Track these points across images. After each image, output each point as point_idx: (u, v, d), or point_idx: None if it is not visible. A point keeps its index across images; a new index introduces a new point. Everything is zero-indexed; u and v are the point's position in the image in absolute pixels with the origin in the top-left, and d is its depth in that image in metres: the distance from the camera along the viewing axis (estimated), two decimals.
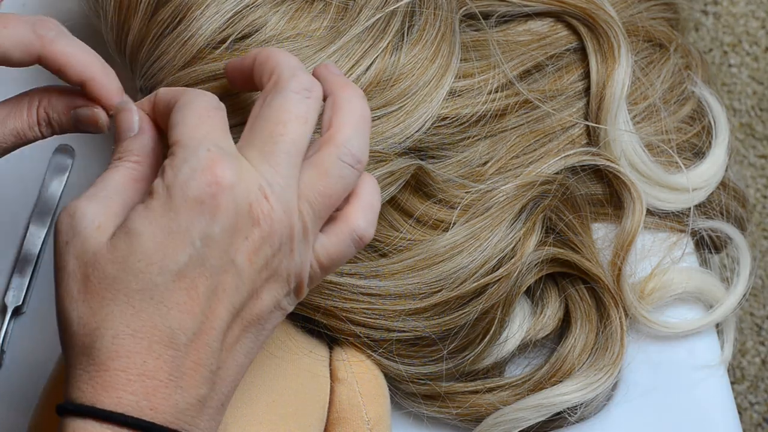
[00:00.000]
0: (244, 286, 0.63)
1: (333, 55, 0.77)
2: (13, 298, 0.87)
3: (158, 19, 0.77)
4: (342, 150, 0.66)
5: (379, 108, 0.78)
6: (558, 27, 0.88)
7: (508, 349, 0.83)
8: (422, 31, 0.81)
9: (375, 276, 0.79)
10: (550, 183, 0.83)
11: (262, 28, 0.77)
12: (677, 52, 0.90)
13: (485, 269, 0.80)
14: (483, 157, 0.84)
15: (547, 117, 0.85)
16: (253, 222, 0.63)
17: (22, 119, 0.72)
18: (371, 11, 0.79)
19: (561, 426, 0.84)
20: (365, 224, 0.67)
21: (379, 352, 0.81)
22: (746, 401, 1.44)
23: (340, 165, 0.65)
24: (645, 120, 0.88)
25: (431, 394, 0.83)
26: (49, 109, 0.72)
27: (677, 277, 0.86)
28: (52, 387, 0.78)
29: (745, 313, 1.46)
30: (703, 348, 0.87)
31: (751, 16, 1.54)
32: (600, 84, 0.86)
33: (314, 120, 0.66)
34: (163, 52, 0.77)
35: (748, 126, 1.52)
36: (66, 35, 0.70)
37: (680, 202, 0.87)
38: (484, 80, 0.83)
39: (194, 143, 0.63)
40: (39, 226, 0.89)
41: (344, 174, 0.66)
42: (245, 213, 0.62)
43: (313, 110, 0.66)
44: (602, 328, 0.84)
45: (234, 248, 0.62)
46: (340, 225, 0.66)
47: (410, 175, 0.79)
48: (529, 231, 0.82)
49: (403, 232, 0.81)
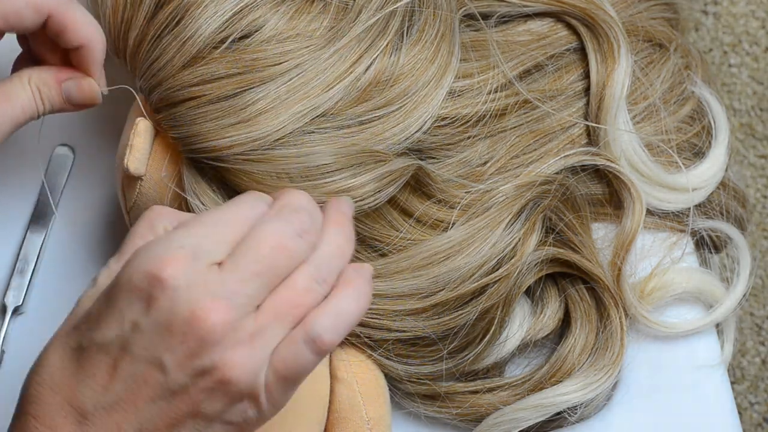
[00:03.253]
0: (171, 389, 0.62)
1: (333, 56, 0.77)
2: (13, 298, 0.87)
3: (158, 19, 0.77)
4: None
5: (378, 108, 0.78)
6: (558, 27, 0.88)
7: (508, 349, 0.83)
8: (422, 31, 0.81)
9: (375, 276, 0.79)
10: (549, 183, 0.83)
11: (261, 28, 0.77)
12: (677, 52, 0.90)
13: (485, 269, 0.80)
14: (483, 157, 0.84)
15: (546, 117, 0.85)
16: (191, 330, 0.61)
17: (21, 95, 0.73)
18: (371, 11, 0.79)
19: (561, 426, 0.83)
20: (322, 328, 0.63)
21: (378, 352, 0.81)
22: (746, 401, 1.44)
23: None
24: (645, 120, 0.88)
25: (431, 394, 0.83)
26: (39, 83, 0.73)
27: (677, 277, 0.86)
28: None
29: (745, 313, 1.46)
30: (703, 348, 0.87)
31: (751, 16, 1.54)
32: (600, 84, 0.86)
33: (301, 257, 0.64)
34: (163, 52, 0.77)
35: (748, 126, 1.52)
36: (75, 2, 0.73)
37: (680, 202, 0.87)
38: (484, 80, 0.83)
39: (178, 235, 0.63)
40: (39, 226, 0.89)
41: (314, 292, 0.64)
42: (184, 318, 0.61)
43: (302, 249, 0.64)
44: (602, 328, 0.84)
45: (164, 347, 0.62)
46: (297, 327, 0.63)
47: (410, 175, 0.79)
48: (529, 231, 0.82)
49: (402, 232, 0.81)
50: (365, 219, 0.79)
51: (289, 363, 0.62)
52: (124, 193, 0.81)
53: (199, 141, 0.76)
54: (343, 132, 0.77)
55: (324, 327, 0.63)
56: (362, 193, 0.77)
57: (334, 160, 0.77)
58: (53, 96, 0.75)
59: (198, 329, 0.61)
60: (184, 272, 0.62)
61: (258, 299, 0.63)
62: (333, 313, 0.63)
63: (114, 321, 0.62)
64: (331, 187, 0.77)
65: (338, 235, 0.65)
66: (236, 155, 0.76)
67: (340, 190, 0.77)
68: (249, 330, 0.62)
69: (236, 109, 0.76)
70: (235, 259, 0.63)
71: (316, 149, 0.77)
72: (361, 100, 0.78)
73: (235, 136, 0.76)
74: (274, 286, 0.63)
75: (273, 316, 0.62)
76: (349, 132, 0.77)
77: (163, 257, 0.62)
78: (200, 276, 0.62)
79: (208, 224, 0.64)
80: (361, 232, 0.80)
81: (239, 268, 0.62)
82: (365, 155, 0.77)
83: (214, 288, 0.62)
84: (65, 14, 0.73)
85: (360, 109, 0.78)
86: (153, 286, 0.61)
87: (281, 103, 0.76)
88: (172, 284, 0.61)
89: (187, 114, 0.77)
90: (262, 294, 0.63)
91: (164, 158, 0.79)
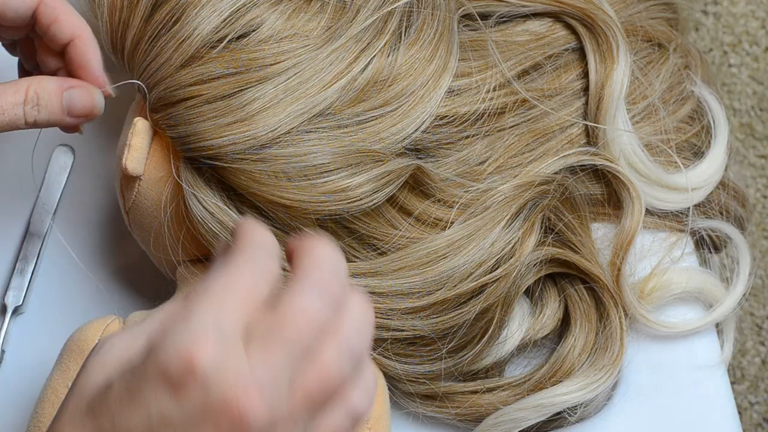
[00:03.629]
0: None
1: (330, 55, 0.77)
2: (13, 298, 0.87)
3: (155, 18, 0.77)
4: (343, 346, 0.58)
5: (376, 108, 0.78)
6: (556, 27, 0.88)
7: (508, 349, 0.83)
8: (420, 31, 0.81)
9: (374, 275, 0.79)
10: (548, 183, 0.83)
11: (259, 27, 0.77)
12: (676, 51, 0.90)
13: (483, 269, 0.80)
14: (481, 156, 0.84)
15: (545, 116, 0.85)
16: (227, 417, 0.55)
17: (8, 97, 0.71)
18: (368, 11, 0.79)
19: (561, 426, 0.83)
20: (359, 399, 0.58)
21: (377, 351, 0.81)
22: (746, 401, 1.44)
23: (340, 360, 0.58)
24: (644, 120, 0.88)
25: (430, 394, 0.83)
26: (39, 89, 0.72)
27: (677, 276, 0.86)
28: (52, 386, 0.78)
29: (745, 313, 1.46)
30: (703, 348, 0.87)
31: (751, 16, 1.54)
32: (599, 84, 0.86)
33: (324, 320, 0.58)
34: (161, 52, 0.77)
35: (748, 126, 1.52)
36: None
37: (679, 202, 0.87)
38: (482, 79, 0.83)
39: (199, 313, 0.56)
40: (39, 226, 0.89)
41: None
42: (218, 405, 0.55)
43: (325, 320, 0.57)
44: (602, 328, 0.84)
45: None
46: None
47: (408, 175, 0.79)
48: (527, 231, 0.82)
49: (401, 231, 0.81)
50: (364, 217, 0.79)
51: None
52: (122, 193, 0.81)
53: (197, 140, 0.76)
54: (341, 131, 0.77)
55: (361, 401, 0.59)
56: (360, 193, 0.77)
57: (332, 159, 0.77)
58: (52, 104, 0.73)
59: (234, 419, 0.55)
60: (213, 357, 0.55)
61: (289, 378, 0.57)
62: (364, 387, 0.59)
63: (137, 406, 0.55)
64: (328, 187, 0.77)
65: (361, 303, 0.59)
66: (234, 154, 0.76)
67: (338, 190, 0.77)
68: (284, 415, 0.56)
69: (234, 109, 0.76)
70: (264, 339, 0.56)
71: (313, 149, 0.77)
72: (359, 99, 0.78)
73: (232, 136, 0.76)
74: (302, 359, 0.57)
75: (305, 399, 0.57)
76: (347, 131, 0.77)
77: (188, 340, 0.55)
78: (231, 362, 0.55)
79: (223, 292, 0.57)
80: (359, 230, 0.80)
81: (268, 348, 0.56)
82: (363, 155, 0.77)
83: (245, 377, 0.55)
84: (55, 7, 0.72)
85: (358, 108, 0.78)
86: (183, 375, 0.55)
87: (279, 103, 0.76)
88: (202, 371, 0.54)
89: (184, 113, 0.77)
90: (293, 371, 0.57)
91: (162, 158, 0.79)
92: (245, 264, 0.58)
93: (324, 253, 0.59)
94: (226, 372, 0.55)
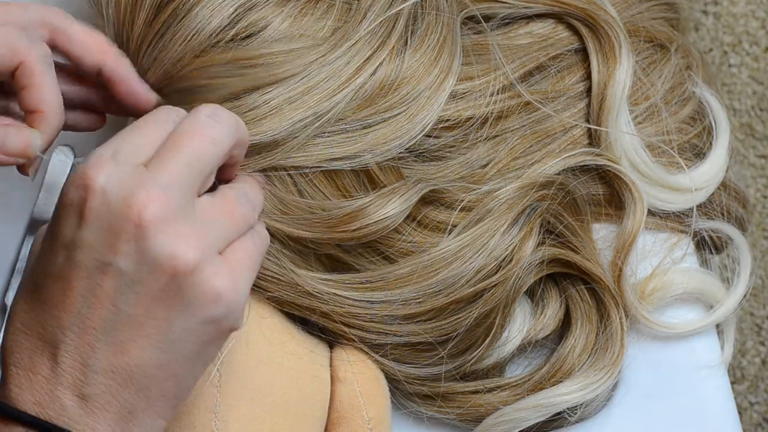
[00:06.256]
0: (131, 288, 0.63)
1: (339, 60, 0.77)
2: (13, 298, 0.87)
3: (161, 18, 0.77)
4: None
5: (381, 112, 0.78)
6: (559, 28, 0.88)
7: (509, 350, 0.83)
8: (424, 35, 0.81)
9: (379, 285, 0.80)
10: (549, 186, 0.83)
11: (266, 28, 0.77)
12: (678, 52, 0.90)
13: (481, 275, 0.80)
14: (484, 159, 0.83)
15: (548, 118, 0.85)
16: (132, 223, 0.63)
17: None
18: (375, 14, 0.79)
19: (561, 426, 0.83)
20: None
21: (379, 354, 0.80)
22: (746, 401, 1.44)
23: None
24: (646, 120, 0.88)
25: (431, 395, 0.82)
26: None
27: (678, 277, 0.86)
28: None
29: (745, 313, 1.46)
30: (703, 348, 0.87)
31: (751, 16, 1.54)
32: (601, 84, 0.86)
33: (225, 145, 0.67)
34: (166, 51, 0.77)
35: (748, 126, 1.52)
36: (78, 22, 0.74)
37: (681, 203, 0.87)
38: (486, 82, 0.83)
39: (99, 148, 0.65)
40: (39, 226, 0.89)
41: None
42: (121, 214, 0.63)
43: (223, 135, 0.67)
44: (602, 329, 0.84)
45: (109, 250, 0.63)
46: None
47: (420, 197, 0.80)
48: (526, 237, 0.81)
49: (404, 235, 0.81)
50: None
51: None
52: None
53: None
54: (346, 136, 0.77)
55: None
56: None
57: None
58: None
59: (139, 220, 0.62)
60: (109, 174, 0.63)
61: (192, 188, 0.65)
62: None
63: (58, 246, 0.64)
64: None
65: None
66: None
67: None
68: (191, 216, 0.64)
69: (241, 111, 0.76)
70: (161, 156, 0.65)
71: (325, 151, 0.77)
72: (365, 104, 0.78)
73: None
74: (205, 176, 0.65)
75: (212, 209, 0.66)
76: (352, 136, 0.77)
77: (86, 169, 0.64)
78: (128, 175, 0.63)
79: (125, 134, 0.66)
80: None
81: (166, 162, 0.64)
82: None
83: (146, 182, 0.63)
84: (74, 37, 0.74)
85: (363, 113, 0.78)
86: (82, 196, 0.63)
87: (287, 106, 0.76)
88: (100, 187, 0.63)
89: None
90: (196, 184, 0.65)
91: None
92: (150, 117, 0.67)
93: (209, 105, 0.69)
94: (122, 181, 0.62)
